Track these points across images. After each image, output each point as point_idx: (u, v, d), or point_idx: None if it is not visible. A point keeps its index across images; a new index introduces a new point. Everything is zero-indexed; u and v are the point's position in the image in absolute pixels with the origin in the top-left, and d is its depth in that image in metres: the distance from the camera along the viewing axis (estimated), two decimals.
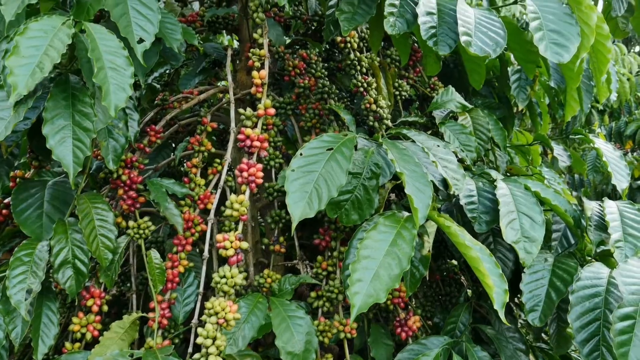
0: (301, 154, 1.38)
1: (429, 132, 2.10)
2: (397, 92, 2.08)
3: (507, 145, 2.06)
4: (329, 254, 1.73)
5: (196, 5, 2.58)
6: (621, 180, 1.72)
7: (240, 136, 1.45)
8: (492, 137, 2.03)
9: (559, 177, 2.31)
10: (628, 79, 4.74)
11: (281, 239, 1.83)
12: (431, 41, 1.32)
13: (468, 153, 1.92)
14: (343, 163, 1.35)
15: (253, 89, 1.53)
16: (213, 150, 1.89)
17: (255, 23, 1.61)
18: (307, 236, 1.96)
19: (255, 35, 1.61)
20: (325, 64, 2.30)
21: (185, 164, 1.89)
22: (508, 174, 2.28)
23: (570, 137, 2.08)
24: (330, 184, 1.33)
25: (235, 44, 2.77)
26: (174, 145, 2.52)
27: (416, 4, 1.40)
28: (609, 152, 1.78)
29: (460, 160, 1.89)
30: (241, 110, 1.50)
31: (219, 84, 2.41)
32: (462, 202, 1.62)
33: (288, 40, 2.45)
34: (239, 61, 2.11)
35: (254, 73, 1.53)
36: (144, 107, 2.45)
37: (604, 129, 5.40)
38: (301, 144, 1.95)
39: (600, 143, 1.79)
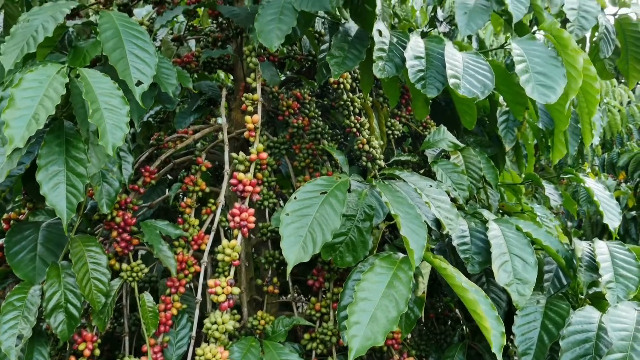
0: (295, 198, 1.39)
1: (422, 170, 2.13)
2: (390, 131, 2.11)
3: (499, 183, 2.07)
4: (323, 295, 1.72)
5: (192, 42, 2.64)
6: (612, 220, 1.74)
7: (233, 181, 1.47)
8: (483, 176, 2.05)
9: (550, 214, 2.33)
10: (619, 111, 4.81)
11: (275, 279, 1.83)
12: (419, 84, 1.35)
13: (460, 192, 1.94)
14: (337, 207, 1.36)
15: (246, 133, 1.55)
16: (207, 189, 1.90)
17: (249, 67, 1.64)
18: (302, 272, 1.96)
19: (248, 80, 1.63)
20: (319, 101, 2.34)
21: (180, 203, 1.89)
22: (500, 212, 2.30)
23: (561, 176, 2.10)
24: (325, 227, 1.34)
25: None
26: (170, 179, 2.54)
27: (404, 48, 1.44)
28: (599, 192, 1.79)
29: (453, 200, 1.91)
30: (234, 155, 1.52)
31: (214, 119, 2.44)
32: (455, 242, 1.62)
33: (283, 77, 2.50)
34: (234, 100, 2.14)
35: (247, 118, 1.55)
36: (139, 144, 2.47)
37: (597, 159, 5.45)
38: (295, 184, 1.97)
39: (591, 183, 1.81)
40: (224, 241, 1.41)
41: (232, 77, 2.42)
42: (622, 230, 5.17)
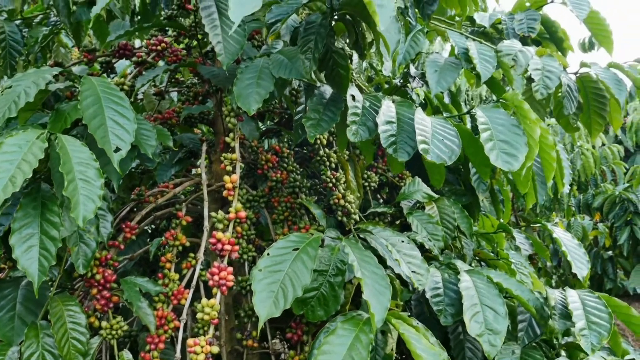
0: (268, 254, 1.43)
1: (398, 221, 2.18)
2: (367, 183, 2.17)
3: (473, 232, 2.13)
4: (301, 348, 1.74)
5: (174, 94, 2.69)
6: (581, 268, 1.79)
7: (212, 240, 1.50)
8: (458, 226, 2.11)
9: (525, 260, 2.38)
10: (592, 154, 4.96)
11: (254, 333, 1.84)
12: (391, 149, 1.41)
13: (435, 242, 1.99)
14: (308, 263, 1.40)
15: (225, 192, 1.60)
16: (188, 244, 1.92)
17: (228, 127, 1.69)
18: (282, 319, 1.97)
19: (227, 139, 1.69)
20: (301, 149, 2.39)
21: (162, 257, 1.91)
22: (477, 259, 2.36)
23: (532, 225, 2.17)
24: (296, 283, 1.37)
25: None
26: (152, 229, 2.55)
27: (377, 112, 1.50)
28: (568, 241, 1.85)
29: (428, 250, 1.96)
30: (213, 214, 1.56)
31: (196, 170, 2.47)
32: (428, 295, 1.66)
33: (263, 127, 2.56)
34: (215, 152, 2.19)
35: (225, 177, 1.60)
36: (119, 195, 2.49)
37: (574, 200, 5.57)
38: (273, 237, 2.01)
39: (559, 232, 1.88)
40: (204, 300, 1.43)
41: (213, 130, 2.48)
42: (599, 270, 5.26)
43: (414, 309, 1.89)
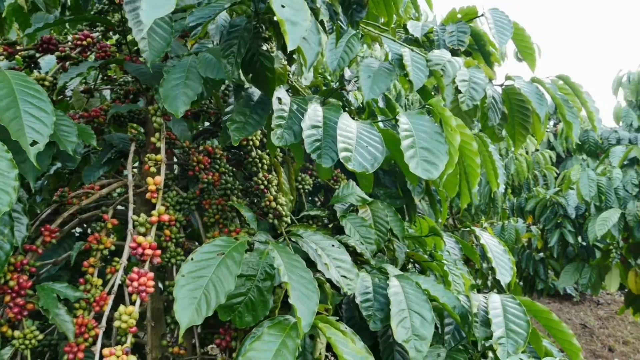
0: (192, 259, 1.39)
1: (331, 224, 2.18)
2: (301, 186, 2.16)
3: (405, 235, 2.15)
4: (230, 354, 1.71)
5: (107, 92, 2.59)
6: (505, 275, 1.83)
7: (132, 244, 1.45)
8: (391, 229, 2.13)
9: (460, 261, 2.43)
10: (526, 159, 5.14)
11: (181, 339, 1.79)
12: (315, 154, 1.39)
13: (368, 245, 2.00)
14: (233, 268, 1.37)
15: (148, 195, 1.54)
16: (113, 247, 1.85)
17: (154, 127, 1.64)
18: (217, 324, 1.93)
19: (152, 139, 1.63)
20: (237, 151, 2.35)
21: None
22: (411, 260, 2.39)
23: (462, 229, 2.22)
24: (220, 290, 1.34)
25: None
26: (79, 232, 2.45)
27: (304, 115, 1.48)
28: (494, 247, 1.90)
29: (360, 254, 1.97)
30: (134, 217, 1.50)
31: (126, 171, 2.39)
32: (358, 300, 1.66)
33: (201, 128, 2.50)
34: (145, 153, 2.12)
35: (149, 179, 1.55)
36: (45, 197, 2.38)
37: (508, 203, 5.76)
38: (204, 240, 1.96)
39: (487, 238, 1.92)
40: (121, 307, 1.38)
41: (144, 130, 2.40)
42: (532, 271, 5.45)
43: (345, 313, 1.89)
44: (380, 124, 2.08)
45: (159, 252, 1.47)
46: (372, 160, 1.36)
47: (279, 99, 1.49)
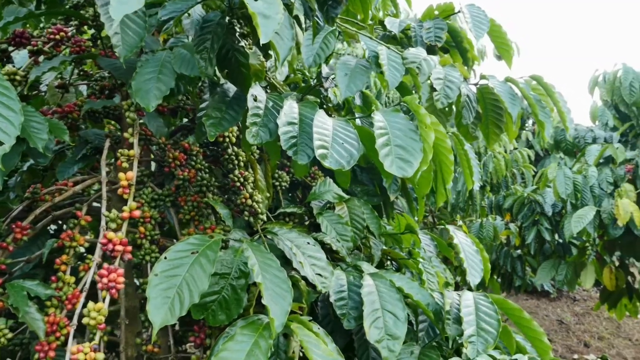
0: (165, 258, 1.37)
1: (308, 222, 2.17)
2: (277, 183, 2.15)
3: (381, 233, 2.16)
4: (205, 351, 1.70)
5: (84, 87, 2.56)
6: (475, 276, 1.84)
7: (102, 240, 1.43)
8: (367, 226, 2.13)
9: (436, 258, 2.45)
10: (504, 157, 5.19)
11: (155, 338, 1.78)
12: (291, 151, 1.38)
13: (344, 243, 2.00)
14: (207, 267, 1.36)
15: (120, 190, 1.53)
16: (87, 245, 1.83)
17: (127, 123, 1.62)
18: (194, 321, 1.92)
19: (125, 135, 1.62)
20: (214, 148, 2.34)
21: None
22: (389, 258, 2.40)
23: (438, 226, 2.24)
24: (193, 289, 1.33)
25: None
26: (54, 230, 2.41)
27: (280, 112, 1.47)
28: (467, 247, 1.91)
29: (336, 252, 1.97)
30: (105, 213, 1.49)
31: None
32: (332, 298, 1.66)
33: (179, 124, 2.47)
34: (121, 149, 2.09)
35: (120, 174, 1.53)
36: (18, 194, 2.34)
37: (487, 201, 5.82)
38: (179, 237, 1.94)
39: (460, 237, 1.93)
40: (90, 304, 1.36)
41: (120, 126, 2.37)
42: (509, 268, 5.52)
43: (321, 310, 1.89)
44: (358, 121, 2.09)
45: (129, 248, 1.45)
46: (348, 157, 1.36)
47: (254, 97, 1.48)
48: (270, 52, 1.59)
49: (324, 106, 2.31)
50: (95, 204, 2.02)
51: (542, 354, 1.70)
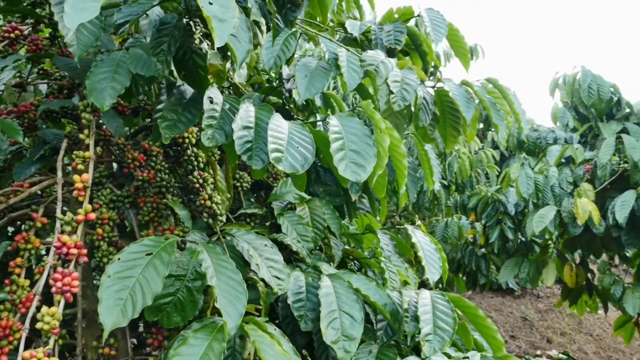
0: (119, 259, 1.36)
1: (268, 222, 2.18)
2: (239, 184, 2.15)
3: (342, 233, 2.18)
4: (161, 355, 1.69)
5: (44, 86, 2.51)
6: (434, 273, 1.87)
7: (56, 243, 1.41)
8: (328, 226, 2.15)
9: (398, 258, 2.48)
10: (469, 158, 5.28)
11: (112, 340, 1.76)
12: (245, 156, 1.38)
13: (305, 243, 2.02)
14: (161, 269, 1.35)
15: (75, 192, 1.51)
16: (42, 247, 1.80)
17: (83, 124, 1.60)
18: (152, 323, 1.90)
19: (81, 136, 1.60)
20: (177, 147, 2.32)
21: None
22: (351, 257, 2.42)
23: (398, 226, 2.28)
24: (147, 291, 1.32)
25: None
26: (11, 231, 2.36)
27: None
28: (426, 245, 1.94)
29: (296, 252, 1.98)
30: (59, 216, 1.47)
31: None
32: (290, 300, 1.67)
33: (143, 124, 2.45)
34: (79, 150, 2.06)
35: (75, 177, 1.52)
36: None
37: (453, 200, 5.91)
38: (138, 238, 1.93)
39: (419, 237, 1.96)
40: (44, 308, 1.35)
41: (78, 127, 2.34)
42: (474, 267, 5.62)
43: (281, 311, 1.90)
44: (320, 124, 2.10)
45: (84, 251, 1.44)
46: (302, 161, 1.37)
47: (210, 99, 1.48)
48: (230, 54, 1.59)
49: (287, 107, 2.32)
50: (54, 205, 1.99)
51: (496, 350, 1.75)
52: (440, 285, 6.30)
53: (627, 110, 5.09)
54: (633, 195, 4.47)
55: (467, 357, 1.44)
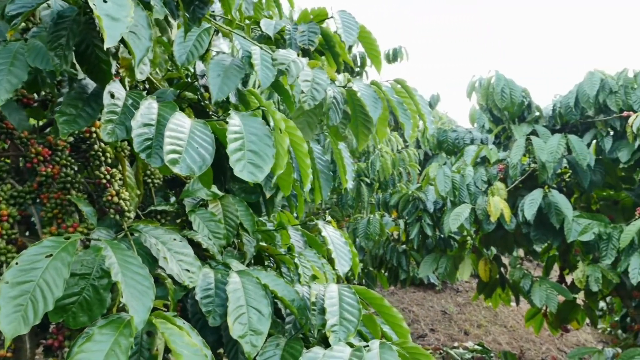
0: (17, 264, 1.31)
1: (179, 220, 2.16)
2: (150, 180, 2.11)
3: (255, 230, 2.20)
4: (62, 356, 1.65)
5: None
6: (343, 265, 1.93)
7: None
8: (241, 223, 2.16)
9: (315, 254, 2.52)
10: (391, 157, 5.44)
11: (8, 342, 1.69)
12: (144, 154, 1.35)
13: (216, 240, 2.02)
14: (62, 271, 1.31)
15: None
16: None
17: None
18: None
19: None
20: (88, 142, 2.25)
21: None
22: (267, 254, 2.44)
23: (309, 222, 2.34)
24: (48, 295, 1.27)
25: None
26: None
27: None
28: (336, 239, 1.99)
29: (206, 250, 1.98)
30: None
31: None
32: (198, 296, 1.67)
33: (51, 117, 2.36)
34: None
35: None
36: None
37: (376, 197, 6.06)
38: (41, 236, 1.86)
39: (329, 231, 2.01)
40: None
41: None
42: (395, 262, 5.79)
43: (191, 308, 1.89)
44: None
45: None
46: (200, 162, 1.34)
47: (112, 94, 1.45)
48: None
49: (202, 103, 2.30)
50: None
51: (401, 337, 1.82)
52: (364, 282, 6.44)
53: (537, 113, 5.41)
54: (540, 193, 4.75)
55: (368, 346, 1.50)
